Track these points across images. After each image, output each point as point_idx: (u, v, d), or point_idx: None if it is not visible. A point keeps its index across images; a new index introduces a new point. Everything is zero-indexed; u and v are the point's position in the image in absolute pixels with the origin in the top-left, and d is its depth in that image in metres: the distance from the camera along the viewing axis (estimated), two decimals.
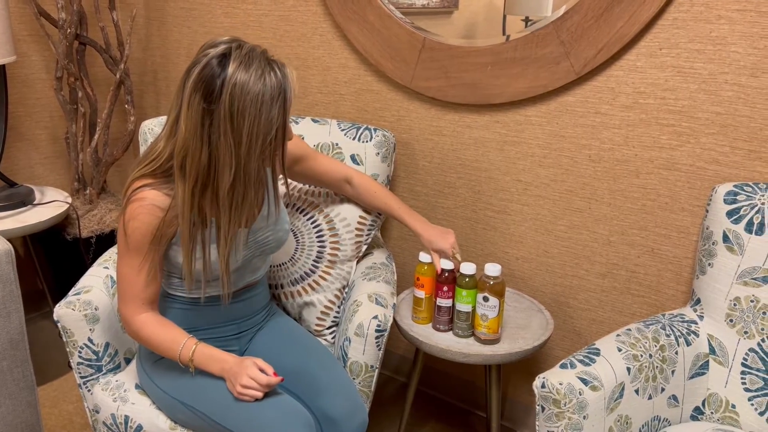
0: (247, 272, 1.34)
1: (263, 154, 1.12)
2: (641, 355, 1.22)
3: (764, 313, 1.26)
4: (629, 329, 1.28)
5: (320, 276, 1.58)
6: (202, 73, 1.08)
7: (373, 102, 1.92)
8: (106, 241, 2.25)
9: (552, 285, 1.73)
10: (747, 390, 1.28)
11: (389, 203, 1.54)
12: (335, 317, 1.58)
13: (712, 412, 1.31)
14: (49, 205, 2.12)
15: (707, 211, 1.34)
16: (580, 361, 1.17)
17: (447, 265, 1.49)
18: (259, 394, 1.18)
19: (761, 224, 1.26)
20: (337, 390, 1.29)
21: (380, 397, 2.06)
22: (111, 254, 1.54)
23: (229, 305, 1.34)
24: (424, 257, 1.52)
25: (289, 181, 1.52)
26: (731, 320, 1.30)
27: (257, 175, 1.14)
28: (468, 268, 1.44)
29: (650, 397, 1.23)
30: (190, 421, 1.25)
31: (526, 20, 1.59)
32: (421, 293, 1.53)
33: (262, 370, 1.18)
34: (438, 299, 1.50)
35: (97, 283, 1.43)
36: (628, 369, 1.19)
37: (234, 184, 1.12)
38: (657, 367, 1.24)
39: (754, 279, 1.26)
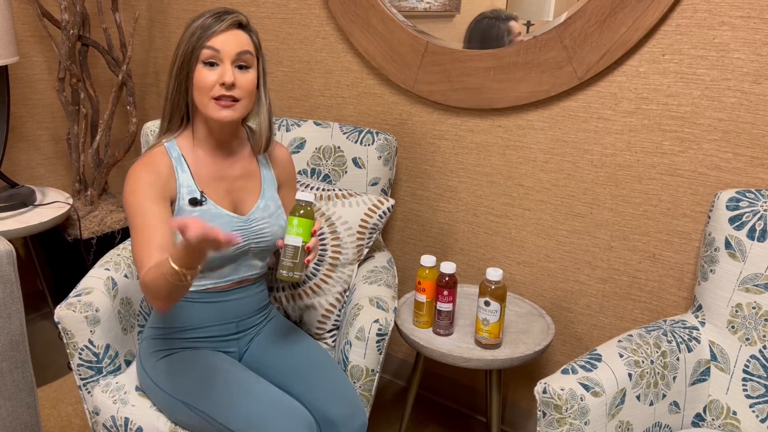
0: (242, 266, 1.35)
1: (179, 72, 1.26)
2: (643, 361, 1.22)
3: (766, 319, 1.26)
4: (630, 335, 1.28)
5: (321, 279, 1.57)
6: None
7: (375, 105, 1.92)
8: (107, 242, 2.25)
9: (553, 290, 1.73)
10: (748, 397, 1.27)
11: None
12: (336, 321, 1.58)
13: (713, 419, 1.31)
14: (50, 206, 2.12)
15: (709, 217, 1.33)
16: (582, 367, 1.17)
17: (448, 269, 1.49)
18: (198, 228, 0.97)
19: (764, 231, 1.25)
20: (337, 393, 1.29)
21: (380, 400, 2.06)
22: (112, 256, 1.54)
23: (225, 301, 1.34)
24: (425, 261, 1.52)
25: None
26: (733, 327, 1.30)
27: (175, 92, 1.29)
28: (305, 195, 1.22)
29: (651, 404, 1.22)
30: (191, 422, 1.25)
31: (528, 24, 1.59)
32: (422, 297, 1.52)
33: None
34: (438, 303, 1.50)
35: (98, 284, 1.42)
36: (630, 375, 1.19)
37: (166, 91, 1.31)
38: (658, 373, 1.24)
39: (756, 286, 1.26)
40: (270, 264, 1.59)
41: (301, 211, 1.22)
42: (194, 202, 1.27)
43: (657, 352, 1.25)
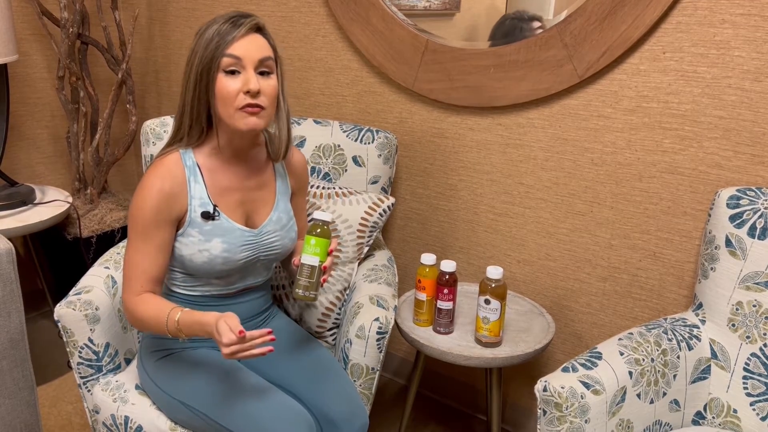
0: (249, 275, 1.34)
1: (197, 83, 1.20)
2: (643, 359, 1.22)
3: (766, 317, 1.26)
4: (631, 333, 1.28)
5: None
6: None
7: (375, 104, 1.92)
8: (107, 241, 2.25)
9: (553, 288, 1.73)
10: (749, 395, 1.27)
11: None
12: (336, 319, 1.58)
13: (713, 417, 1.31)
14: (50, 204, 2.12)
15: (710, 215, 1.33)
16: (582, 365, 1.17)
17: (448, 267, 1.49)
18: (249, 353, 1.09)
19: (764, 229, 1.25)
20: (338, 393, 1.29)
21: (380, 399, 2.06)
22: (112, 254, 1.54)
23: (228, 305, 1.34)
24: (426, 259, 1.52)
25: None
26: (733, 325, 1.29)
27: (195, 104, 1.23)
28: (323, 215, 1.22)
29: (652, 402, 1.22)
30: (190, 422, 1.25)
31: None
32: (422, 295, 1.52)
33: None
34: (438, 301, 1.50)
35: (97, 283, 1.42)
36: (630, 373, 1.19)
37: (182, 105, 1.25)
38: (659, 371, 1.24)
39: (757, 284, 1.26)
40: (276, 264, 1.59)
41: (318, 230, 1.20)
42: (206, 215, 1.24)
43: (657, 350, 1.25)
